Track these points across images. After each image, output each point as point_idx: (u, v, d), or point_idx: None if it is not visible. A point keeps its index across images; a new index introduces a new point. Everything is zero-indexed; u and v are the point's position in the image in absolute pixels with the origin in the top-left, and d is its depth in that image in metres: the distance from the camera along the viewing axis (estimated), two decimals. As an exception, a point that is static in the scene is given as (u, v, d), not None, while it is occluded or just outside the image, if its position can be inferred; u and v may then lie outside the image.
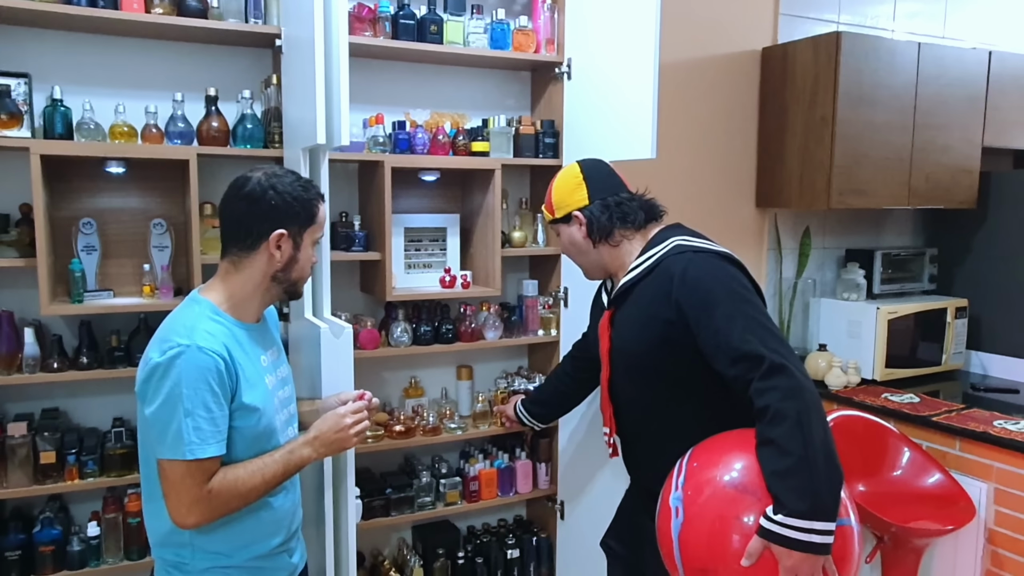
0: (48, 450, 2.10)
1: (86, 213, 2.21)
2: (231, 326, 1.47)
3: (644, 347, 1.57)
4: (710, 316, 1.44)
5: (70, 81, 2.18)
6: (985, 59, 3.16)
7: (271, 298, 1.56)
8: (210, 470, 1.39)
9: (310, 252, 1.55)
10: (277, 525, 1.57)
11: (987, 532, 2.42)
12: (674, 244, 1.58)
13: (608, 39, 2.34)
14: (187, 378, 1.35)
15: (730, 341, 1.40)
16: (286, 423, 1.60)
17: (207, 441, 1.37)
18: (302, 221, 1.50)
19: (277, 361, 1.61)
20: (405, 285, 2.56)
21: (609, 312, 1.69)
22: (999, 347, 3.27)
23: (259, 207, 1.46)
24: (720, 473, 1.38)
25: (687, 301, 1.47)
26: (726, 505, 1.35)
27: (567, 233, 1.77)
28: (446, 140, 2.51)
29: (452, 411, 2.67)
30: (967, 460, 2.48)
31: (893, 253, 3.33)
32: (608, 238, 1.68)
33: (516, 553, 2.73)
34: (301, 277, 1.55)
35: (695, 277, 1.49)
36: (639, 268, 1.62)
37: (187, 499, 1.37)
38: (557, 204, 1.77)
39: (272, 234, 1.46)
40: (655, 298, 1.54)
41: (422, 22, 2.42)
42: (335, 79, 1.84)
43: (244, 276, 1.49)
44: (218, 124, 2.22)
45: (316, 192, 1.54)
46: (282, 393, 1.59)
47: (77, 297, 2.10)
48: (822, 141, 2.91)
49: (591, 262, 1.76)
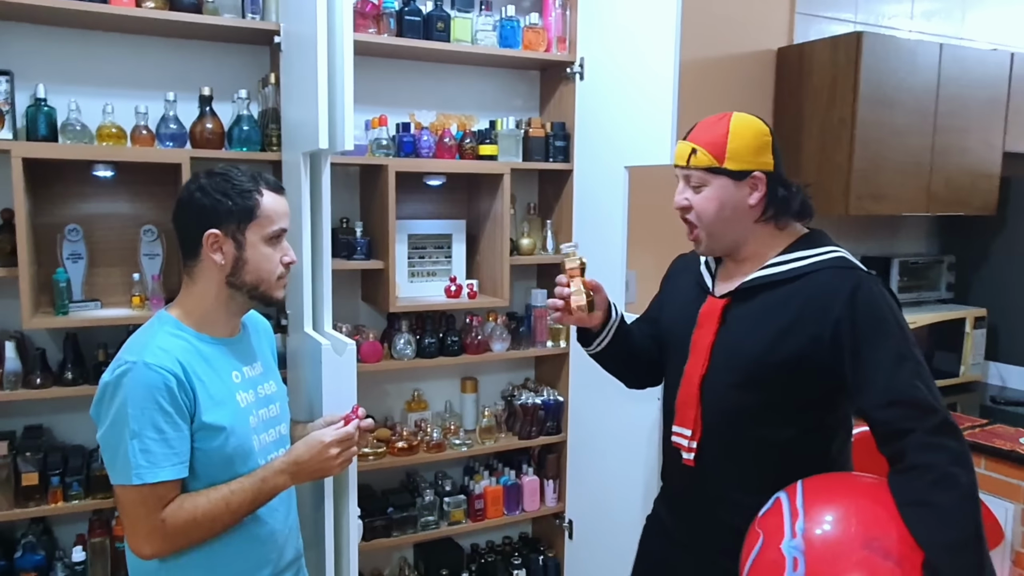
0: (30, 471, 1.99)
1: (72, 219, 2.09)
2: (196, 341, 1.38)
3: (773, 354, 1.39)
4: (876, 348, 1.31)
5: (55, 79, 2.06)
6: (1007, 61, 3.07)
7: (239, 307, 1.45)
8: (165, 496, 1.29)
9: (263, 250, 1.40)
10: (263, 557, 1.45)
11: (1014, 555, 2.33)
12: (837, 256, 1.42)
13: (624, 38, 2.24)
14: (133, 397, 1.26)
15: (895, 382, 1.28)
16: (272, 445, 1.48)
17: (158, 464, 1.27)
18: (238, 218, 1.37)
19: (259, 377, 1.50)
20: (409, 295, 2.45)
21: (723, 302, 1.49)
22: (1018, 358, 3.19)
23: (189, 211, 1.38)
24: (856, 529, 1.22)
25: (853, 325, 1.33)
26: (863, 570, 1.18)
27: (730, 191, 1.42)
28: (452, 143, 2.40)
29: (457, 426, 2.56)
30: (993, 479, 2.38)
31: (910, 261, 3.24)
32: (778, 218, 1.46)
33: (522, 573, 2.64)
34: (260, 279, 1.41)
35: (867, 302, 1.34)
36: (784, 267, 1.43)
37: (141, 528, 1.28)
38: (735, 153, 1.41)
39: (204, 236, 1.36)
40: (806, 308, 1.37)
41: (428, 19, 2.31)
42: (339, 79, 1.73)
43: (200, 287, 1.40)
44: (212, 126, 2.10)
45: (255, 184, 1.39)
46: (265, 412, 1.48)
47: (62, 309, 1.99)
48: (840, 144, 2.82)
49: (732, 235, 1.46)
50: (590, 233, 2.46)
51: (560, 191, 2.60)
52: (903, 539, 1.20)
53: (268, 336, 1.64)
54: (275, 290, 1.44)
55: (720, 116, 1.46)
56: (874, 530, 1.21)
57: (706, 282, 1.57)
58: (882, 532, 1.21)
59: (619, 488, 2.33)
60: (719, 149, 1.42)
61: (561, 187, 2.59)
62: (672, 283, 1.71)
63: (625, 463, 2.29)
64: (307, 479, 1.48)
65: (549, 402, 2.61)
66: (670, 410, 1.57)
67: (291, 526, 1.55)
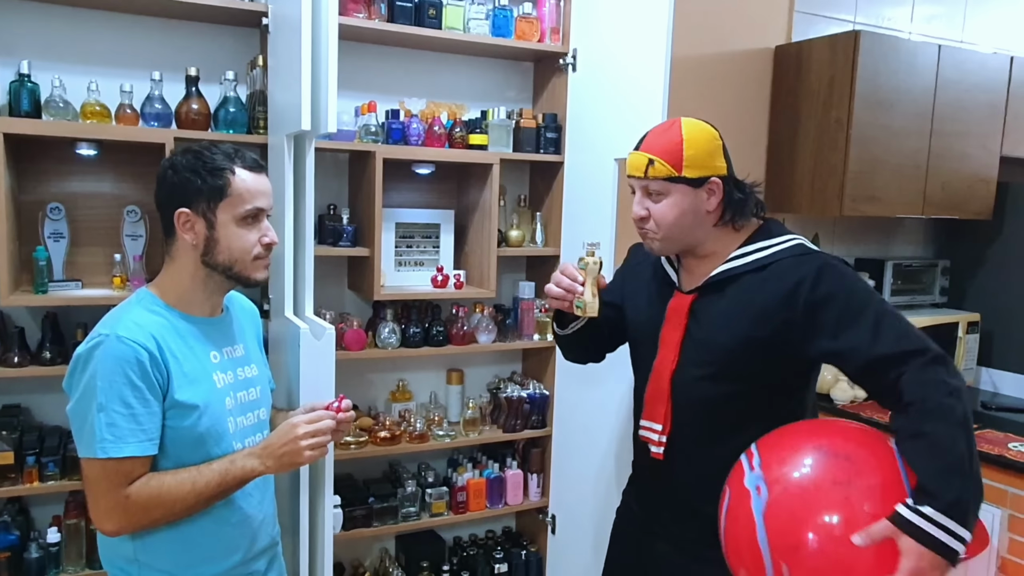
0: (6, 450, 1.97)
1: (54, 198, 2.08)
2: (173, 319, 1.36)
3: (746, 344, 1.42)
4: (855, 319, 1.34)
5: (39, 55, 2.04)
6: (1007, 65, 3.04)
7: (217, 286, 1.42)
8: (130, 473, 1.27)
9: (235, 230, 1.36)
10: (234, 542, 1.43)
11: (999, 561, 2.31)
12: (796, 244, 1.45)
13: (617, 30, 2.22)
14: (103, 370, 1.25)
15: (881, 343, 1.30)
16: (250, 428, 1.45)
17: (124, 439, 1.25)
18: (208, 196, 1.34)
19: (240, 359, 1.47)
20: (395, 283, 2.43)
21: (691, 297, 1.50)
22: (1011, 364, 3.16)
23: (162, 189, 1.37)
24: (805, 440, 1.28)
25: (827, 303, 1.35)
26: (825, 472, 1.23)
27: (689, 198, 1.43)
28: (442, 131, 2.38)
29: (441, 417, 2.54)
30: (980, 484, 2.36)
31: (904, 264, 3.22)
32: (735, 220, 1.49)
33: (504, 567, 2.61)
34: (234, 260, 1.37)
35: (834, 279, 1.38)
36: (748, 259, 1.46)
37: (103, 503, 1.27)
38: (692, 160, 1.42)
39: (175, 215, 1.34)
40: (774, 295, 1.40)
41: (420, 5, 2.29)
42: (323, 61, 1.72)
43: (177, 265, 1.39)
44: (198, 107, 2.09)
45: (228, 162, 1.35)
46: (243, 395, 1.45)
47: (41, 287, 1.97)
48: (836, 144, 2.79)
49: (689, 238, 1.48)
50: (579, 227, 2.44)
51: (551, 183, 2.58)
52: (848, 439, 1.27)
53: (254, 320, 1.61)
54: (252, 271, 1.40)
55: (670, 123, 1.47)
56: (820, 439, 1.28)
57: (671, 277, 1.57)
58: (827, 439, 1.27)
59: (603, 484, 2.31)
60: (676, 158, 1.42)
61: (552, 179, 2.57)
62: (632, 274, 1.70)
63: (610, 459, 2.27)
64: (277, 465, 1.38)
65: (535, 396, 2.59)
66: (638, 405, 1.57)
67: (266, 513, 1.52)
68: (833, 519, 1.19)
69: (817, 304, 1.36)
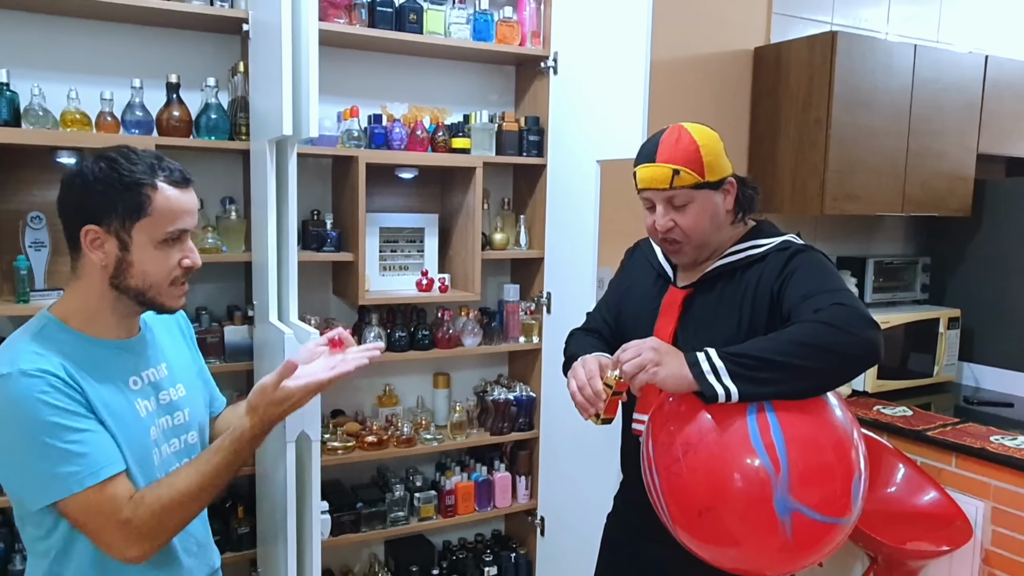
0: (-12, 462, 1.94)
1: (35, 207, 2.06)
2: (82, 345, 1.20)
3: (736, 336, 1.43)
4: (804, 277, 1.39)
5: (17, 63, 2.03)
6: (981, 64, 3.09)
7: (128, 309, 1.24)
8: (114, 496, 1.14)
9: (152, 253, 1.19)
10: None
11: (983, 553, 2.33)
12: (784, 240, 1.48)
13: (597, 33, 2.24)
14: (21, 411, 1.10)
15: (830, 295, 1.33)
16: (172, 456, 1.29)
17: (92, 463, 1.12)
18: (122, 212, 1.15)
19: (162, 382, 1.31)
20: (379, 288, 2.43)
21: (685, 292, 1.52)
22: (992, 359, 3.20)
23: (68, 200, 1.19)
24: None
25: (792, 274, 1.40)
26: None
27: (712, 202, 1.45)
28: (425, 136, 2.39)
29: (428, 421, 2.54)
30: (963, 477, 2.39)
31: (885, 261, 3.25)
32: (744, 216, 1.51)
33: (494, 570, 2.61)
34: (148, 285, 1.20)
35: (802, 259, 1.42)
36: (741, 255, 1.48)
37: (107, 537, 1.15)
38: (711, 165, 1.43)
39: (81, 231, 1.17)
40: (759, 286, 1.44)
41: (400, 10, 2.29)
42: (303, 66, 1.72)
43: (83, 284, 1.21)
44: (180, 113, 2.08)
45: (150, 175, 1.17)
46: (166, 420, 1.29)
47: (22, 297, 1.96)
48: (816, 144, 2.82)
49: (715, 240, 1.49)
50: (563, 229, 2.45)
51: (534, 186, 2.59)
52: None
53: (180, 324, 1.43)
54: (167, 298, 1.23)
55: (676, 132, 1.45)
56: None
57: (667, 272, 1.59)
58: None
59: (591, 485, 2.31)
60: (698, 165, 1.42)
61: (535, 182, 2.58)
62: (632, 271, 1.70)
63: (598, 460, 2.27)
64: (271, 418, 1.25)
65: (521, 398, 2.59)
66: (630, 400, 1.57)
67: (202, 543, 1.39)
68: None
69: (787, 278, 1.40)
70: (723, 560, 1.29)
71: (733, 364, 1.24)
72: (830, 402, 1.30)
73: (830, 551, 1.26)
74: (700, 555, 1.30)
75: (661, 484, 1.31)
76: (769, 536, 1.20)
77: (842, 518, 1.23)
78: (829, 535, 1.23)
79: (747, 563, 1.27)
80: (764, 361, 1.24)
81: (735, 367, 1.24)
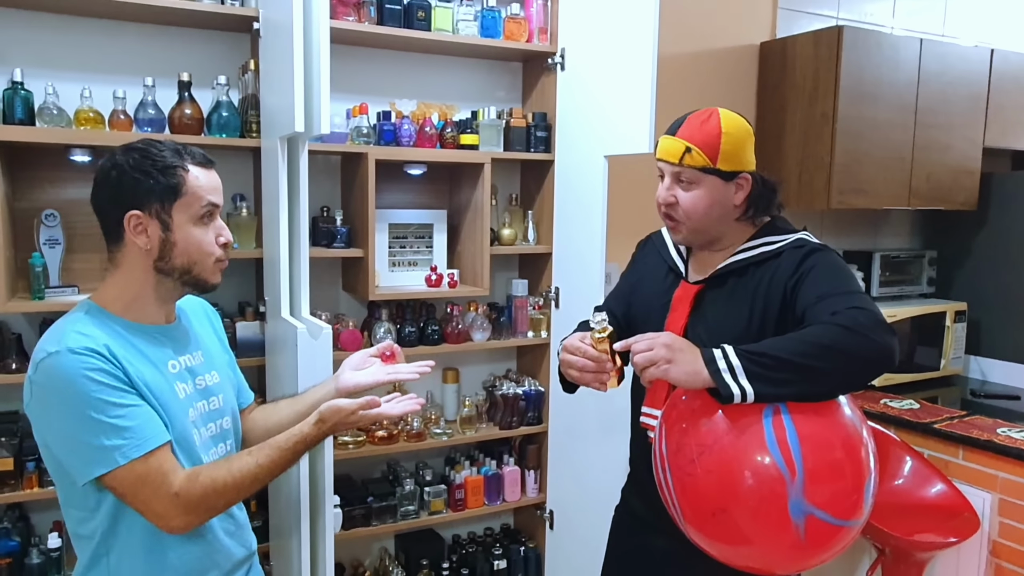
0: (5, 456, 1.98)
1: (49, 204, 2.08)
2: (124, 329, 1.26)
3: (746, 332, 1.43)
4: (826, 277, 1.38)
5: (32, 63, 2.05)
6: (987, 57, 3.09)
7: (169, 293, 1.33)
8: (161, 466, 1.20)
9: (193, 231, 1.28)
10: (208, 560, 1.34)
11: (991, 544, 2.34)
12: (798, 238, 1.47)
13: (604, 29, 2.25)
14: (71, 386, 1.16)
15: (845, 299, 1.32)
16: (211, 440, 1.36)
17: (137, 435, 1.18)
18: (161, 196, 1.25)
19: (199, 367, 1.38)
20: (389, 284, 2.45)
21: (696, 288, 1.52)
22: (998, 352, 3.20)
23: (106, 191, 1.26)
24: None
25: (807, 274, 1.39)
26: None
27: (719, 191, 1.44)
28: (433, 132, 2.40)
29: (437, 416, 2.56)
30: (970, 469, 2.40)
31: (892, 255, 3.26)
32: (756, 216, 1.50)
33: (503, 564, 2.63)
34: (192, 262, 1.29)
35: (817, 259, 1.42)
36: (754, 252, 1.48)
37: (156, 507, 1.20)
38: (727, 154, 1.42)
39: (124, 218, 1.24)
40: (771, 284, 1.43)
41: (409, 7, 2.31)
42: (315, 63, 1.74)
43: (124, 273, 1.29)
44: (191, 111, 2.10)
45: (178, 158, 1.27)
46: (203, 405, 1.36)
47: (38, 293, 1.98)
48: (822, 138, 2.83)
49: (714, 231, 1.49)
50: (571, 224, 2.46)
51: (542, 182, 2.61)
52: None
53: (208, 317, 1.51)
54: (211, 274, 1.33)
55: (708, 113, 1.45)
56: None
57: (678, 266, 1.59)
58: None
59: (600, 479, 2.32)
60: (713, 149, 1.41)
61: (543, 178, 2.60)
62: (644, 264, 1.70)
63: (606, 454, 2.29)
64: (334, 432, 1.40)
65: (530, 392, 2.61)
66: (639, 392, 1.58)
67: (239, 522, 1.44)
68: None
69: (802, 277, 1.40)
70: (733, 558, 1.29)
71: (750, 363, 1.24)
72: (841, 403, 1.30)
73: (841, 550, 1.28)
74: (710, 552, 1.31)
75: (674, 483, 1.31)
76: (782, 538, 1.21)
77: (855, 520, 1.24)
78: (842, 537, 1.24)
79: (758, 561, 1.28)
80: (782, 361, 1.23)
81: (752, 366, 1.23)
